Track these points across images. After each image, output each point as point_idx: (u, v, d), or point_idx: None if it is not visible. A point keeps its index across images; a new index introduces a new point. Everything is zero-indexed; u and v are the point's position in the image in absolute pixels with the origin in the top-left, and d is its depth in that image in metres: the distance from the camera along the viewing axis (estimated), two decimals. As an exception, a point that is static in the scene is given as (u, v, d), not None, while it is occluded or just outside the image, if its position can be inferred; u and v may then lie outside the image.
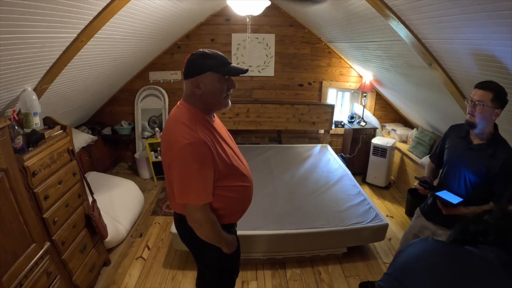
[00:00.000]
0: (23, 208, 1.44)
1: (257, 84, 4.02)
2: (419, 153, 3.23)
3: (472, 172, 1.47)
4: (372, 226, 2.32)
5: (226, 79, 1.19)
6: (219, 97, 1.20)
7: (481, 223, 0.82)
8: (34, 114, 1.77)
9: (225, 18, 3.68)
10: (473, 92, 1.41)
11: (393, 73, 2.91)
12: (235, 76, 1.22)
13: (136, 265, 2.36)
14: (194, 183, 1.11)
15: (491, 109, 1.35)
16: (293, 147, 4.00)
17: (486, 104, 1.35)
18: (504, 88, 1.36)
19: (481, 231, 0.81)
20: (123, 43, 2.45)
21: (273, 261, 2.37)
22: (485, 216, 0.83)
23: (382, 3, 1.67)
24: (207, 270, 1.46)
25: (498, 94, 1.34)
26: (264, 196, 2.67)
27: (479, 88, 1.38)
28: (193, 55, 1.17)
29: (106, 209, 2.48)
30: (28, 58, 1.54)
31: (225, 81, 1.19)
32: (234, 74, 1.20)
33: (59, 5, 1.34)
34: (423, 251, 0.82)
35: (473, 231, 0.83)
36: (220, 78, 1.17)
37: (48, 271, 1.57)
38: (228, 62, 1.18)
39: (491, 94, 1.34)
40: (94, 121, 3.89)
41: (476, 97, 1.38)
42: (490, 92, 1.34)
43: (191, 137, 1.10)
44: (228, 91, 1.22)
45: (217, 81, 1.16)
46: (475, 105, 1.38)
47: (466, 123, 1.46)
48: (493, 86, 1.36)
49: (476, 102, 1.38)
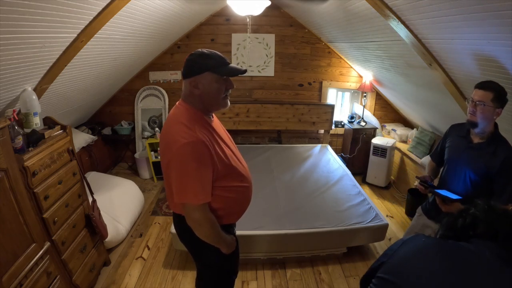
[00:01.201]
0: (23, 208, 1.44)
1: (257, 84, 4.02)
2: (419, 153, 3.23)
3: (473, 170, 1.47)
4: (372, 226, 2.32)
5: (225, 80, 1.19)
6: (217, 97, 1.20)
7: (468, 217, 0.82)
8: (34, 114, 1.77)
9: (225, 18, 3.68)
10: (474, 92, 1.41)
11: (393, 73, 2.91)
12: (234, 76, 1.21)
13: (136, 265, 2.36)
14: (192, 183, 1.11)
15: (492, 108, 1.36)
16: (293, 147, 4.00)
17: (487, 104, 1.36)
18: (504, 88, 1.36)
19: (470, 225, 0.81)
20: (123, 43, 2.45)
21: (273, 261, 2.37)
22: (471, 209, 0.83)
23: (382, 3, 1.67)
24: (206, 270, 1.46)
25: (498, 94, 1.35)
26: (264, 196, 2.67)
27: (479, 88, 1.39)
28: (191, 55, 1.17)
29: (106, 209, 2.48)
30: (28, 58, 1.54)
31: (223, 82, 1.18)
32: (233, 75, 1.20)
33: (59, 5, 1.34)
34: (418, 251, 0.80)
35: (462, 225, 0.83)
36: (218, 78, 1.16)
37: (48, 271, 1.57)
38: (226, 63, 1.18)
39: (492, 94, 1.35)
40: (94, 121, 3.89)
41: (477, 97, 1.39)
42: (491, 92, 1.35)
43: (189, 137, 1.10)
44: (227, 92, 1.22)
45: (215, 82, 1.16)
46: (476, 105, 1.39)
47: (467, 122, 1.47)
48: (493, 86, 1.36)
49: (477, 102, 1.39)
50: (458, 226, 0.84)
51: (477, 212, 0.82)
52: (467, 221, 0.82)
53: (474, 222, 0.81)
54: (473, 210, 0.83)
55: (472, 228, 0.80)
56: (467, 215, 0.83)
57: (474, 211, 0.82)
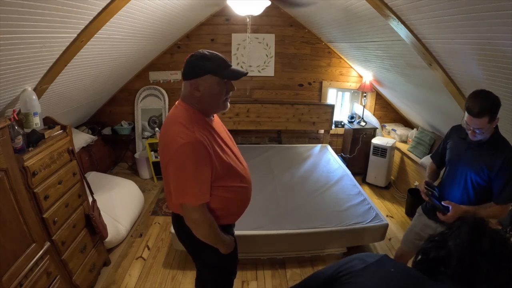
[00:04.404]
0: (23, 208, 1.44)
1: (257, 84, 4.01)
2: (419, 153, 3.23)
3: (474, 171, 1.47)
4: (372, 226, 2.32)
5: (225, 82, 1.18)
6: (218, 100, 1.19)
7: (443, 249, 0.68)
8: (34, 114, 1.77)
9: (225, 18, 3.68)
10: (468, 118, 1.38)
11: (393, 73, 2.91)
12: (235, 80, 1.20)
13: (136, 265, 2.36)
14: (190, 183, 1.11)
15: (490, 126, 1.36)
16: (293, 147, 4.00)
17: (485, 127, 1.35)
18: (495, 98, 1.32)
19: (441, 259, 0.67)
20: (123, 43, 2.45)
21: (273, 261, 2.37)
22: (450, 240, 0.68)
23: (382, 3, 1.67)
24: (205, 270, 1.46)
25: (493, 112, 1.32)
26: (264, 196, 2.67)
27: (473, 116, 1.34)
28: (192, 57, 1.16)
29: (106, 209, 2.48)
30: (28, 58, 1.54)
31: (224, 84, 1.17)
32: (234, 78, 1.19)
33: (59, 5, 1.34)
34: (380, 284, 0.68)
35: (433, 258, 0.69)
36: (219, 81, 1.15)
37: (48, 271, 1.57)
38: (227, 65, 1.16)
39: (487, 117, 1.32)
40: (94, 121, 3.88)
41: (474, 125, 1.37)
42: (486, 117, 1.32)
43: (187, 137, 1.09)
44: (227, 94, 1.21)
45: (216, 84, 1.15)
46: (474, 130, 1.38)
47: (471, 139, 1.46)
48: (487, 108, 1.31)
49: (475, 129, 1.38)
50: (430, 256, 0.70)
51: (453, 247, 0.66)
52: (440, 255, 0.68)
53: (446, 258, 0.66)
54: (452, 243, 0.67)
55: (443, 265, 0.66)
56: (443, 247, 0.68)
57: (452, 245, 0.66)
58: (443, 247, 0.68)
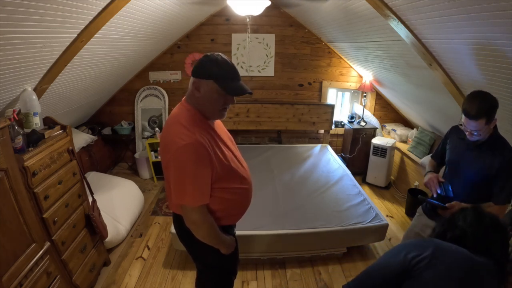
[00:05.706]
0: (23, 208, 1.44)
1: (257, 84, 4.01)
2: (419, 153, 3.23)
3: (473, 171, 1.48)
4: (372, 226, 2.32)
5: (226, 94, 1.15)
6: (214, 107, 1.18)
7: (456, 229, 0.82)
8: (34, 114, 1.77)
9: (225, 18, 3.68)
10: (465, 121, 1.37)
11: (393, 73, 2.91)
12: (234, 96, 1.18)
13: (136, 265, 2.36)
14: (190, 185, 1.11)
15: (488, 127, 1.36)
16: (293, 147, 4.00)
17: (483, 129, 1.35)
18: (493, 99, 1.32)
19: (458, 237, 0.81)
20: (123, 43, 2.45)
21: (273, 261, 2.37)
22: (459, 221, 0.83)
23: (382, 3, 1.67)
24: (206, 270, 1.46)
25: (490, 114, 1.32)
26: (264, 196, 2.67)
27: (470, 119, 1.34)
28: (206, 56, 1.14)
29: (106, 209, 2.48)
30: (28, 58, 1.54)
31: (223, 95, 1.15)
32: (234, 94, 1.16)
33: (59, 5, 1.34)
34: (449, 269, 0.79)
35: (451, 238, 0.82)
36: (220, 91, 1.13)
37: (48, 271, 1.57)
38: (235, 78, 1.14)
39: (484, 119, 1.31)
40: (94, 121, 3.88)
41: (471, 127, 1.37)
42: (483, 119, 1.31)
43: (188, 138, 1.09)
44: (225, 105, 1.19)
45: (216, 93, 1.13)
46: (472, 132, 1.39)
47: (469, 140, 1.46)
48: (484, 111, 1.30)
49: (472, 131, 1.38)
50: (447, 238, 0.83)
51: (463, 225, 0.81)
52: (456, 234, 0.82)
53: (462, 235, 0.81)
54: (461, 223, 0.82)
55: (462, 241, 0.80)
56: (456, 227, 0.83)
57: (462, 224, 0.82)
58: (456, 228, 0.82)
